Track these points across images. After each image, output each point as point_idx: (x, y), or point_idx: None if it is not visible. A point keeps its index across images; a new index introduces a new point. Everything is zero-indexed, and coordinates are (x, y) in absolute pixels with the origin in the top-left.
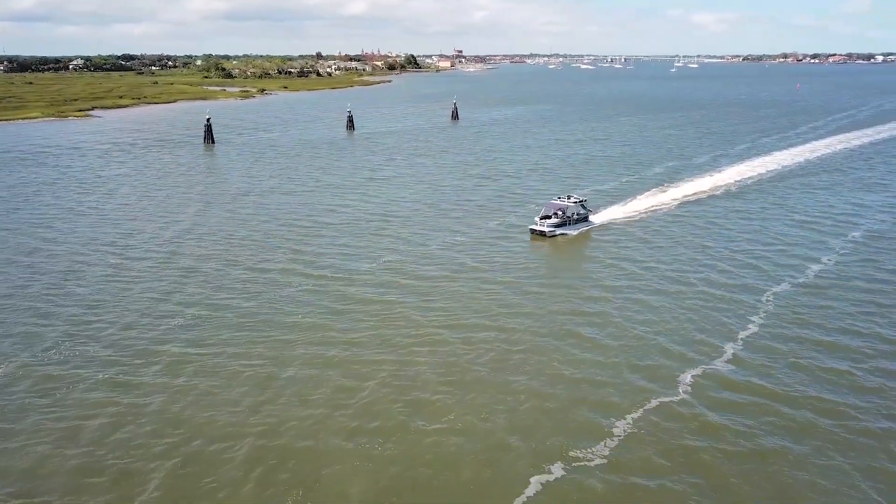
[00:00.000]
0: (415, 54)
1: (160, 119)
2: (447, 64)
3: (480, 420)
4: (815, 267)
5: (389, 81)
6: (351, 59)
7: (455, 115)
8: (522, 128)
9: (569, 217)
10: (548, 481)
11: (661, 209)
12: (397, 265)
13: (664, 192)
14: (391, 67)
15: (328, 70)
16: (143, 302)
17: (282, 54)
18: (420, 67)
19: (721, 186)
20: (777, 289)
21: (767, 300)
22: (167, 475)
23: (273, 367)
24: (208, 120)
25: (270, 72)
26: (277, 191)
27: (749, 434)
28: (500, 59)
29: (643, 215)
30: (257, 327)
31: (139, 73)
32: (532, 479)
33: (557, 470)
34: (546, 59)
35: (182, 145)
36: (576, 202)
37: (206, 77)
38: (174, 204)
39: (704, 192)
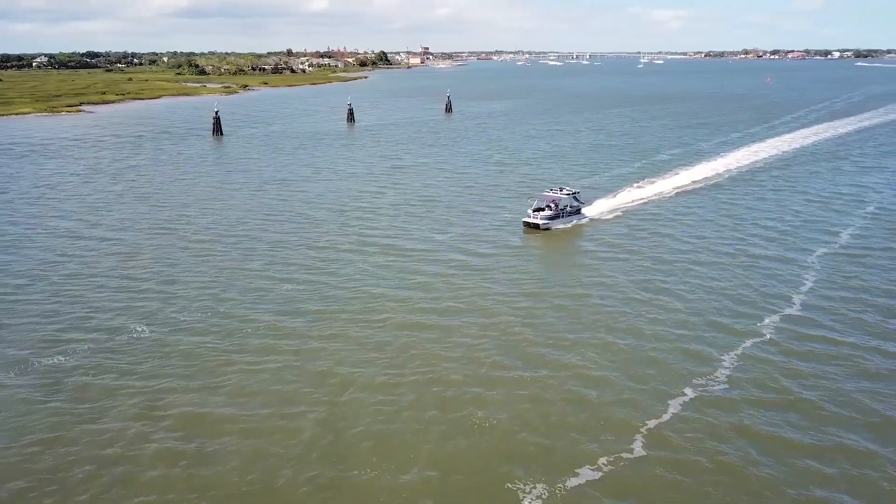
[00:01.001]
0: (383, 51)
1: (154, 114)
2: (417, 61)
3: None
4: (845, 239)
5: (366, 77)
6: (322, 55)
7: (449, 108)
8: (519, 119)
9: (562, 209)
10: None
11: (667, 195)
12: (458, 242)
13: (667, 179)
14: (363, 64)
15: (302, 67)
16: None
17: (246, 51)
18: (391, 64)
19: (723, 174)
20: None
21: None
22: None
23: (379, 330)
24: (217, 113)
25: (245, 68)
26: (315, 178)
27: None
28: (466, 56)
29: (642, 204)
30: (351, 298)
31: (108, 71)
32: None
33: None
34: (512, 55)
35: (190, 137)
36: (569, 194)
37: (178, 74)
38: (224, 191)
39: (708, 178)
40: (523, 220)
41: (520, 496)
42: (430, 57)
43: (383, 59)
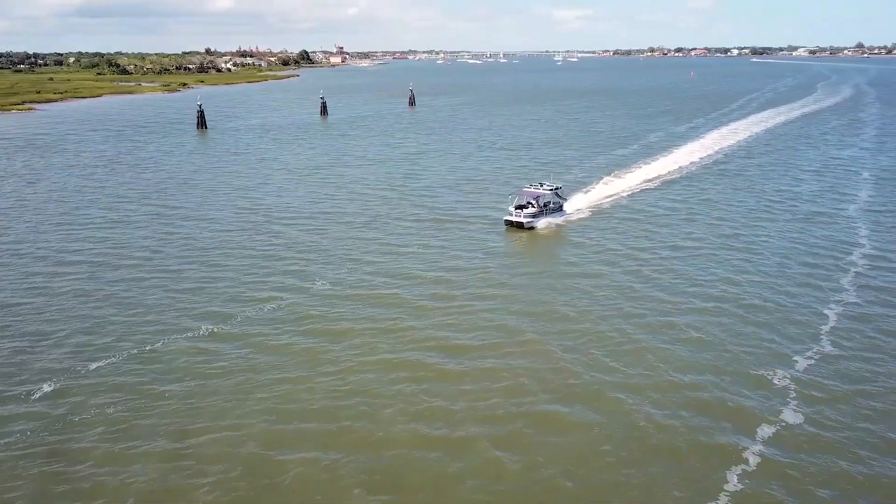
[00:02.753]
0: (304, 50)
1: (111, 111)
2: (339, 59)
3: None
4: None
5: (297, 76)
6: (243, 54)
7: (412, 102)
8: (482, 112)
9: (545, 206)
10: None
11: (643, 188)
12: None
13: (639, 170)
14: (285, 63)
15: (227, 66)
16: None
17: (151, 52)
18: (313, 63)
19: (696, 162)
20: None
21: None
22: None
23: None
24: (200, 106)
25: (169, 68)
26: (338, 164)
27: None
28: (381, 56)
29: (617, 199)
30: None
31: (17, 72)
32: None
33: None
34: (427, 54)
35: (173, 131)
36: (551, 189)
37: (99, 74)
38: (253, 180)
39: (682, 167)
40: (505, 217)
41: None
42: (348, 56)
43: (305, 59)
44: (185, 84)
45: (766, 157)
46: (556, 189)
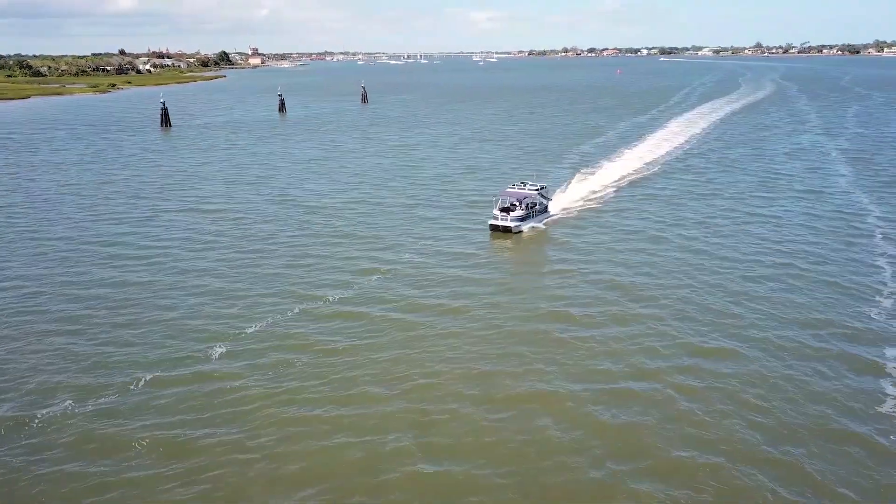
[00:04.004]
0: (224, 51)
1: (49, 112)
2: (258, 61)
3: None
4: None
5: (224, 77)
6: (160, 56)
7: (365, 99)
8: (440, 108)
9: (531, 207)
10: None
11: (620, 184)
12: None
13: (612, 164)
14: (204, 64)
15: (147, 68)
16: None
17: (53, 54)
18: (232, 64)
19: (664, 155)
20: None
21: None
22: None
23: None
24: (164, 104)
25: (86, 69)
26: (336, 156)
27: None
28: (297, 57)
29: (601, 196)
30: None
31: None
32: None
33: None
34: (343, 55)
35: (137, 129)
36: (536, 189)
37: (9, 76)
38: (261, 176)
39: (656, 159)
40: (490, 222)
41: None
42: (266, 58)
43: (225, 60)
44: (114, 85)
45: (736, 141)
46: (541, 189)
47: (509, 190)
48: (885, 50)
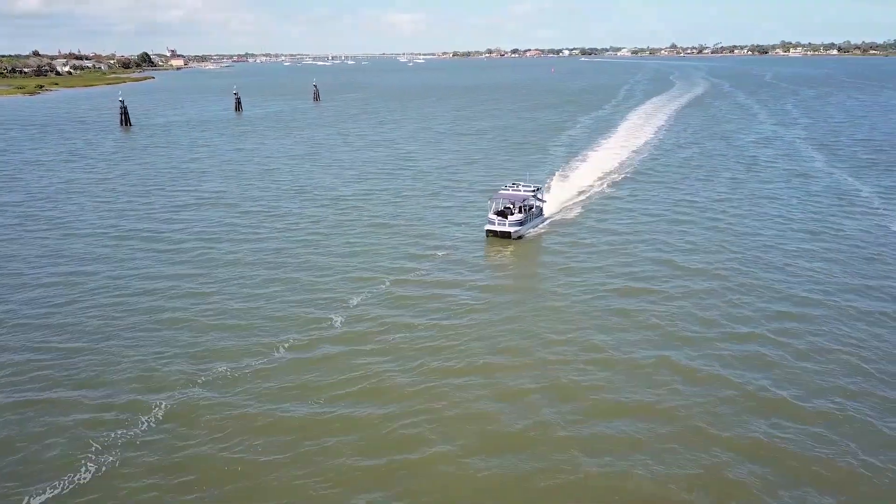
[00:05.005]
0: (146, 52)
1: None
2: (181, 62)
3: None
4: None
5: (153, 78)
6: (78, 57)
7: (317, 97)
8: (396, 106)
9: (529, 210)
10: None
11: (604, 183)
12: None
13: (587, 164)
14: (125, 66)
15: (67, 69)
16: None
17: None
18: (154, 66)
19: (642, 148)
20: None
21: None
22: None
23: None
24: (123, 102)
25: (2, 71)
26: (346, 150)
27: None
28: (216, 59)
29: (591, 196)
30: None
31: None
32: None
33: None
34: (266, 57)
35: (96, 129)
36: (531, 190)
37: None
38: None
39: (636, 152)
40: (486, 227)
41: None
42: (188, 59)
43: (147, 61)
44: (41, 87)
45: (705, 132)
46: (536, 190)
47: (503, 192)
48: (791, 50)
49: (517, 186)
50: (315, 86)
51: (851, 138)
